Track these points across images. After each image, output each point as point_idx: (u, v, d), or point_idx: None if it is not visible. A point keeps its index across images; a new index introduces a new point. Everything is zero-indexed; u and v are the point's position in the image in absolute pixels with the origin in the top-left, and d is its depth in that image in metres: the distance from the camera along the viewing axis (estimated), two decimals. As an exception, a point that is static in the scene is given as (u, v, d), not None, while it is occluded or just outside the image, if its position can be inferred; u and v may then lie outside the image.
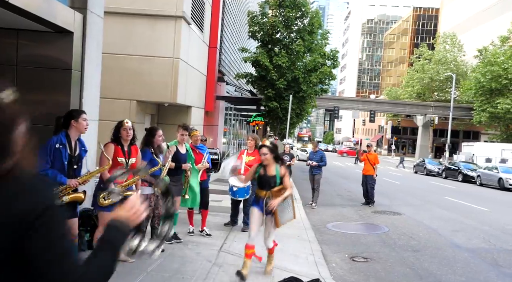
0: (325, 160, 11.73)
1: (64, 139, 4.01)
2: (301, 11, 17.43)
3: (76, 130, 4.10)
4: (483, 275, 6.04)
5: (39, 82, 5.05)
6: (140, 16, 10.08)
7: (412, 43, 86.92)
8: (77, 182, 4.01)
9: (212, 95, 14.53)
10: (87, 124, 4.16)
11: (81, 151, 4.19)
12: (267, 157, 4.89)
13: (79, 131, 4.12)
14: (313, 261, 6.16)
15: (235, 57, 20.09)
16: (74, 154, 4.10)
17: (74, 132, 4.10)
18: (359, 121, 73.70)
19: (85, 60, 5.20)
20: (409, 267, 6.29)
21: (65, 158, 3.98)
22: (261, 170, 4.96)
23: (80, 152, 4.17)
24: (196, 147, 6.67)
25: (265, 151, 4.90)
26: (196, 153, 6.63)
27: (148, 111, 11.20)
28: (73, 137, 4.10)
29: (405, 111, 51.67)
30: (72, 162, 4.07)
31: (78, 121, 4.08)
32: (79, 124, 4.08)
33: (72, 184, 3.98)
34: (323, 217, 10.08)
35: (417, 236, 8.44)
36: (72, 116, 4.11)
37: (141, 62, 10.10)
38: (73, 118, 4.08)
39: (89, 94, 5.36)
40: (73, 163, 4.07)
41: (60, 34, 4.93)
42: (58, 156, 3.94)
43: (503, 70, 35.09)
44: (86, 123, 4.14)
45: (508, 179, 21.30)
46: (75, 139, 4.14)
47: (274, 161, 4.93)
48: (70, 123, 4.07)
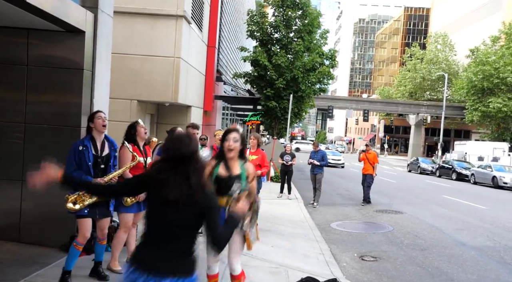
0: (326, 159, 11.75)
1: (87, 141, 4.07)
2: (301, 10, 17.43)
3: (96, 131, 4.14)
4: (494, 273, 6.09)
5: (50, 83, 4.96)
6: (141, 15, 9.98)
7: (403, 43, 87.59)
8: (102, 181, 4.03)
9: (210, 94, 14.47)
10: (103, 122, 4.16)
11: (110, 151, 4.23)
12: (235, 146, 3.46)
13: (98, 131, 4.15)
14: (323, 260, 6.16)
15: (232, 57, 20.03)
16: (101, 154, 4.13)
17: (96, 133, 4.15)
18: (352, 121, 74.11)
19: (96, 60, 5.12)
20: (419, 266, 6.32)
21: (89, 160, 4.02)
22: (221, 168, 3.48)
23: (109, 152, 4.21)
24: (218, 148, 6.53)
25: (236, 137, 3.47)
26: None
27: (148, 111, 11.11)
28: (97, 139, 4.16)
29: (398, 110, 52.03)
30: (98, 162, 4.10)
31: (94, 122, 4.13)
32: (95, 124, 4.13)
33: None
34: (326, 216, 10.10)
35: (422, 235, 8.48)
36: (89, 119, 4.19)
37: (142, 61, 10.00)
38: (90, 121, 4.16)
39: (100, 94, 5.28)
40: (99, 163, 4.10)
41: (71, 34, 4.84)
42: (82, 158, 4.01)
43: (494, 69, 35.51)
44: (102, 121, 4.15)
45: (501, 177, 21.56)
46: (101, 140, 4.18)
47: (239, 156, 3.55)
48: (89, 126, 4.14)
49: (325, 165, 11.65)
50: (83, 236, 4.02)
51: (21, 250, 4.80)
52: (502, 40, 39.10)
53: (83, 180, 3.82)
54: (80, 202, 3.92)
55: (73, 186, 3.00)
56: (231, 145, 3.45)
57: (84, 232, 4.02)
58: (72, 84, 4.93)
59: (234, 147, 3.47)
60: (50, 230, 4.88)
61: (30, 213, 4.99)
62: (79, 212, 3.98)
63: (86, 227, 4.03)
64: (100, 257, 4.33)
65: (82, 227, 4.02)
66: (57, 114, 4.97)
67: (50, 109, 4.99)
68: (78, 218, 4.03)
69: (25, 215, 5.02)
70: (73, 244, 4.02)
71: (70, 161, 3.99)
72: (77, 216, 4.02)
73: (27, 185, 2.34)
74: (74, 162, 3.98)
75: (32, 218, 4.96)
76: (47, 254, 4.67)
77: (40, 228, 4.94)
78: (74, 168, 3.97)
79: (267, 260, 5.74)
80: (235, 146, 3.47)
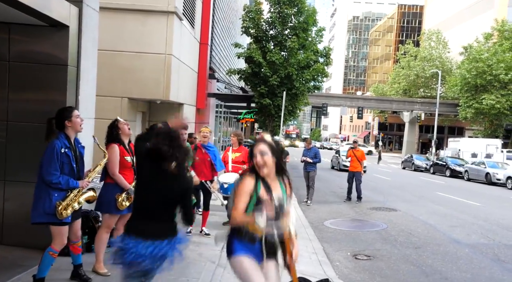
0: (319, 156, 11.67)
1: (67, 142, 3.79)
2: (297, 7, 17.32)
3: (72, 130, 3.85)
4: (487, 271, 6.03)
5: (34, 79, 4.81)
6: (131, 11, 9.79)
7: (397, 40, 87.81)
8: (87, 181, 3.89)
9: (203, 92, 14.32)
10: (82, 120, 3.92)
11: (79, 148, 3.99)
12: (268, 161, 2.78)
13: (76, 131, 3.88)
14: (316, 260, 6.06)
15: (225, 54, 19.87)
16: (76, 154, 3.92)
17: (71, 132, 3.85)
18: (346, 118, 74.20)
19: (81, 55, 4.96)
20: (413, 264, 6.24)
21: (73, 161, 3.80)
22: (262, 189, 2.77)
23: (79, 150, 3.97)
24: (203, 146, 6.40)
25: (263, 149, 2.80)
26: (202, 152, 6.38)
27: (140, 109, 10.95)
28: (71, 137, 3.88)
29: (392, 107, 52.15)
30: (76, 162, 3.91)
31: (72, 120, 3.81)
32: (73, 123, 3.82)
33: (84, 185, 3.85)
34: (319, 214, 10.01)
35: (416, 232, 8.42)
36: (64, 116, 3.82)
37: (132, 58, 9.82)
38: (66, 118, 3.81)
39: (85, 91, 5.13)
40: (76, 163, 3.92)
41: (55, 28, 4.69)
42: (66, 160, 3.74)
43: (487, 66, 35.65)
44: (81, 119, 3.90)
45: (495, 174, 21.64)
46: (73, 139, 3.92)
47: (275, 172, 2.86)
48: (64, 124, 3.80)
49: (318, 162, 11.57)
50: (61, 244, 3.79)
51: (3, 252, 4.65)
52: (494, 37, 39.28)
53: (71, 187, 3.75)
54: (69, 206, 3.73)
55: None
56: (259, 160, 2.78)
57: (63, 239, 3.80)
58: (56, 80, 4.78)
59: (264, 162, 2.77)
60: (34, 231, 4.71)
61: (13, 214, 4.84)
62: (66, 219, 3.74)
63: (66, 232, 3.82)
64: (78, 260, 4.13)
65: (61, 233, 3.78)
66: (41, 112, 4.79)
67: (33, 107, 4.82)
68: (61, 225, 3.76)
69: (8, 215, 4.87)
70: (49, 252, 3.75)
71: (53, 164, 3.65)
72: (61, 223, 3.75)
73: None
74: (57, 166, 3.68)
75: (15, 219, 4.81)
76: (30, 256, 4.52)
77: (23, 229, 4.78)
78: (59, 173, 3.69)
79: None
80: (264, 162, 2.77)
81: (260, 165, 2.77)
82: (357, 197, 12.22)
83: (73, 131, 3.87)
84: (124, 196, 4.35)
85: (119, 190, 4.33)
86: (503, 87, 35.91)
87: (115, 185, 4.33)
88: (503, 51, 35.91)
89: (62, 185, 3.70)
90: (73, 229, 4.01)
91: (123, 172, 4.41)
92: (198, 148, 6.42)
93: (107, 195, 4.34)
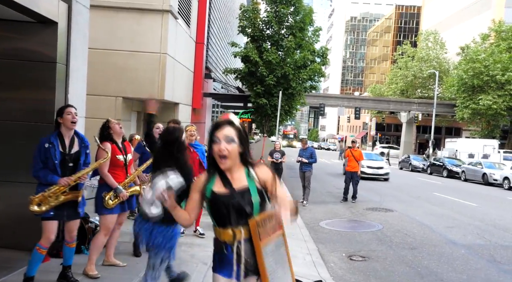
0: (315, 156, 11.60)
1: (53, 138, 3.81)
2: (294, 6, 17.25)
3: (64, 127, 3.88)
4: (483, 272, 5.96)
5: (21, 77, 4.71)
6: (125, 10, 9.72)
7: (394, 41, 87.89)
8: (68, 180, 3.78)
9: (199, 92, 14.23)
10: (73, 118, 3.88)
11: (80, 148, 3.97)
12: (231, 149, 2.19)
13: (67, 127, 3.88)
14: (311, 261, 5.99)
15: (222, 54, 19.78)
16: (69, 152, 3.87)
17: (64, 130, 3.89)
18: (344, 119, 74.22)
19: (71, 53, 4.87)
20: (408, 265, 6.17)
21: (55, 157, 3.76)
22: (217, 184, 2.27)
23: (79, 149, 3.95)
24: (190, 144, 6.35)
25: (229, 134, 2.19)
26: (190, 151, 6.33)
27: (134, 108, 10.86)
28: (65, 135, 3.89)
29: (389, 108, 52.11)
30: (66, 160, 3.84)
31: (63, 117, 3.87)
32: (64, 120, 3.87)
33: (62, 182, 3.75)
34: (315, 215, 9.94)
35: (412, 233, 8.35)
36: (58, 114, 3.91)
37: (127, 57, 9.74)
38: (59, 115, 3.89)
39: (75, 89, 5.04)
40: (67, 161, 3.84)
41: (43, 25, 4.59)
42: (48, 155, 3.75)
43: (484, 67, 35.67)
44: (72, 117, 3.87)
45: (491, 174, 21.62)
46: (69, 137, 3.92)
47: (241, 162, 2.28)
48: (58, 121, 3.88)
49: (314, 162, 11.50)
50: (47, 239, 3.79)
51: (-10, 254, 4.56)
52: (491, 38, 39.33)
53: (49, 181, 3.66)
54: (46, 203, 3.70)
55: None
56: (223, 148, 2.13)
57: (48, 235, 3.78)
58: (45, 79, 4.68)
59: (229, 151, 2.15)
60: (22, 232, 4.63)
61: (1, 214, 4.74)
62: (44, 214, 3.75)
63: (51, 229, 3.80)
64: (69, 261, 4.08)
65: (46, 229, 3.79)
66: (29, 111, 4.71)
67: (21, 106, 4.72)
68: (42, 220, 3.80)
69: (-5, 216, 4.77)
70: (36, 248, 3.77)
71: (36, 159, 3.76)
72: (42, 218, 3.79)
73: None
74: (39, 160, 3.74)
75: (3, 220, 4.71)
76: (18, 257, 4.42)
77: (11, 230, 4.68)
78: (40, 166, 3.74)
79: None
80: (230, 150, 2.15)
81: (222, 154, 2.15)
82: (352, 196, 12.17)
83: (66, 128, 3.89)
84: (111, 195, 4.31)
85: (107, 189, 4.31)
86: (500, 88, 35.94)
87: (106, 184, 4.32)
88: (500, 52, 35.95)
89: (41, 179, 3.74)
90: (67, 228, 4.02)
91: (115, 170, 4.38)
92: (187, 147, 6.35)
93: (98, 196, 4.34)
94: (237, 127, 2.21)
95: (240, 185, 2.23)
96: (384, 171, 19.65)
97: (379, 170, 19.56)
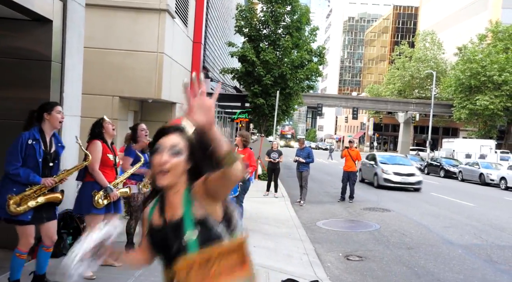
0: (312, 156, 11.58)
1: (37, 134, 3.57)
2: (290, 5, 17.24)
3: (50, 125, 3.65)
4: (480, 272, 5.96)
5: (15, 75, 4.66)
6: (122, 9, 9.66)
7: (392, 41, 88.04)
8: (53, 180, 3.60)
9: (196, 91, 14.20)
10: (62, 118, 3.73)
11: (57, 147, 3.76)
12: (178, 166, 1.62)
13: (53, 126, 3.68)
14: (307, 261, 5.97)
15: (219, 53, 19.75)
16: (50, 150, 3.67)
17: (47, 127, 3.65)
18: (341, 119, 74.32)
19: (66, 51, 4.83)
20: (405, 265, 6.16)
21: (39, 155, 3.54)
22: (156, 210, 1.72)
23: (56, 148, 3.74)
24: None
25: (178, 144, 1.63)
26: None
27: (131, 108, 10.81)
28: (47, 133, 3.66)
29: (387, 108, 52.22)
30: (47, 159, 3.63)
31: (52, 115, 3.64)
32: (52, 117, 3.64)
33: (47, 183, 3.56)
34: (312, 215, 9.92)
35: (409, 233, 8.35)
36: (44, 109, 3.67)
37: (124, 56, 9.69)
38: (46, 111, 3.65)
39: (70, 87, 5.00)
40: (48, 160, 3.63)
41: (37, 23, 4.55)
42: (31, 153, 3.51)
43: (481, 67, 35.79)
44: (61, 116, 3.72)
45: (488, 174, 21.67)
46: (50, 135, 3.70)
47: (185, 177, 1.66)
48: (43, 116, 3.63)
49: (311, 162, 11.48)
50: (28, 244, 3.56)
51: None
52: (488, 39, 39.46)
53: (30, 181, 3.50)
54: (24, 204, 3.46)
55: None
56: (164, 161, 1.60)
57: (29, 239, 3.56)
58: (39, 77, 4.64)
59: (172, 165, 1.60)
60: (14, 232, 4.58)
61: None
62: (21, 217, 3.46)
63: (30, 233, 3.58)
64: (44, 269, 3.78)
65: (25, 233, 3.53)
66: (23, 110, 4.62)
67: (15, 105, 4.67)
68: (19, 224, 3.51)
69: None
70: (16, 254, 3.55)
71: (15, 155, 3.44)
72: (18, 222, 3.50)
73: None
74: (20, 156, 3.45)
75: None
76: (9, 258, 4.37)
77: (2, 229, 4.63)
78: (21, 163, 3.48)
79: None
80: (174, 164, 1.60)
81: (162, 169, 1.59)
82: (349, 196, 12.16)
83: (50, 126, 3.67)
84: (102, 194, 4.20)
85: (97, 187, 4.20)
86: (496, 88, 36.05)
87: (94, 182, 4.19)
88: (497, 52, 36.07)
89: (21, 178, 3.45)
90: (46, 231, 3.72)
91: (104, 170, 4.29)
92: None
93: (86, 194, 4.20)
94: (188, 137, 1.65)
95: (173, 214, 1.64)
96: (415, 179, 15.90)
97: (409, 177, 15.77)
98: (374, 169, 16.62)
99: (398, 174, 15.75)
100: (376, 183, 16.11)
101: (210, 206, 1.62)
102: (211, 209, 1.62)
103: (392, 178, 15.60)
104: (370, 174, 16.94)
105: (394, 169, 15.94)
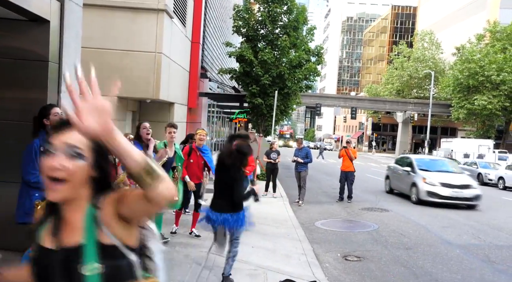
0: (310, 156, 11.57)
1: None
2: (286, 5, 17.22)
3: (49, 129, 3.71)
4: (478, 272, 5.97)
5: (12, 76, 4.64)
6: (120, 9, 9.65)
7: (391, 41, 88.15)
8: None
9: (195, 91, 14.18)
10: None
11: None
12: (75, 172, 1.22)
13: None
14: (305, 261, 5.96)
15: (218, 53, 19.72)
16: None
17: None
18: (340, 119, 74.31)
19: (63, 51, 4.81)
20: (403, 265, 6.16)
21: None
22: (47, 228, 1.37)
23: None
24: (199, 148, 6.37)
25: (78, 144, 1.23)
26: (196, 154, 6.33)
27: (130, 108, 10.80)
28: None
29: (385, 108, 52.31)
30: None
31: (50, 119, 3.71)
32: (51, 121, 3.70)
33: None
34: (310, 215, 9.92)
35: (407, 233, 8.35)
36: (43, 115, 3.75)
37: (122, 57, 9.67)
38: (44, 116, 3.73)
39: (68, 88, 4.97)
40: None
41: (34, 23, 4.53)
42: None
43: (479, 67, 35.86)
44: (58, 118, 3.77)
45: (486, 174, 21.71)
46: None
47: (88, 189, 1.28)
48: (43, 122, 3.72)
49: (310, 162, 11.47)
50: None
51: (-20, 255, 4.49)
52: (486, 39, 39.54)
53: None
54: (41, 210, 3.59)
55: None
56: (56, 164, 1.23)
57: None
58: (37, 78, 4.61)
59: (69, 171, 1.23)
60: (13, 232, 4.57)
61: (-8, 215, 4.67)
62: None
63: None
64: None
65: None
66: (20, 111, 4.65)
67: (12, 105, 4.65)
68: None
69: (-15, 217, 4.70)
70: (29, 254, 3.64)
71: (31, 163, 3.50)
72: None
73: None
74: (36, 164, 3.48)
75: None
76: (8, 258, 4.36)
77: (2, 230, 4.62)
78: (38, 171, 3.49)
79: (247, 261, 5.52)
80: (71, 169, 1.23)
81: (53, 175, 1.24)
82: (347, 196, 12.16)
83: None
84: None
85: None
86: (494, 88, 36.12)
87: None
88: (495, 52, 36.14)
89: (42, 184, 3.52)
90: None
91: None
92: (193, 149, 6.35)
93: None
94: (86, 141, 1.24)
95: (70, 239, 1.24)
96: (472, 192, 12.02)
97: (463, 190, 11.95)
98: (410, 178, 12.82)
99: (448, 185, 11.85)
100: (416, 197, 12.29)
101: (123, 230, 1.20)
102: (125, 234, 1.21)
103: (439, 191, 11.69)
104: (404, 184, 13.37)
105: (441, 179, 12.00)
